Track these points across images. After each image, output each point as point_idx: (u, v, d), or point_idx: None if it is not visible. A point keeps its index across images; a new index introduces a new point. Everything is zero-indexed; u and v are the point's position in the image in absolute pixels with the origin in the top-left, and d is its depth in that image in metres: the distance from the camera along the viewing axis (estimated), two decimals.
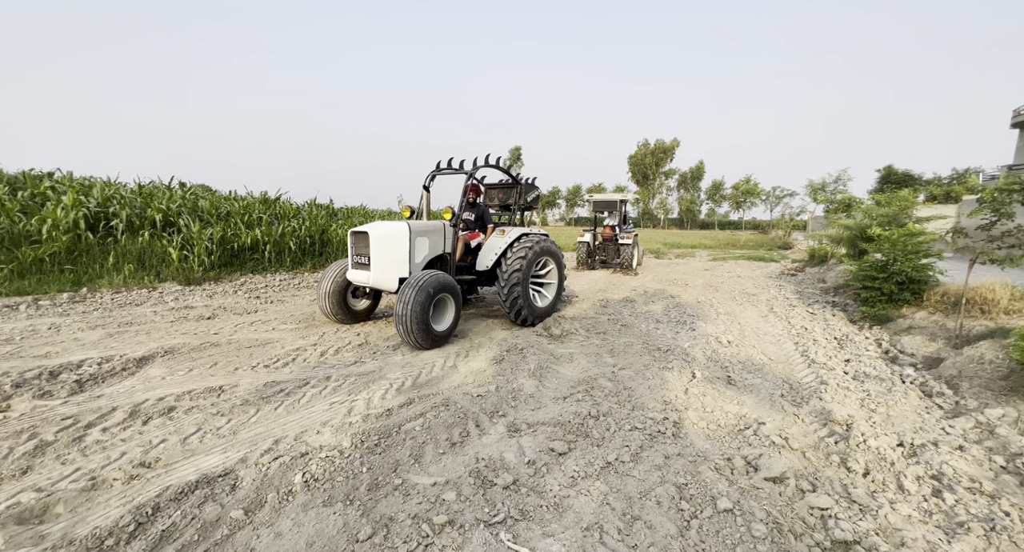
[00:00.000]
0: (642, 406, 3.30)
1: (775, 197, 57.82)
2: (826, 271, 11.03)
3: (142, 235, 7.89)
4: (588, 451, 2.64)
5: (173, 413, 2.88)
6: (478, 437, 2.83)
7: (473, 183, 6.45)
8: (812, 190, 16.37)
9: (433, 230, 5.20)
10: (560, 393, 3.58)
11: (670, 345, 4.92)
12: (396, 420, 2.98)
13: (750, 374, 4.10)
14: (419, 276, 4.45)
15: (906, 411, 3.23)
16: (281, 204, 11.57)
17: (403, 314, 4.29)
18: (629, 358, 4.51)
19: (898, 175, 36.47)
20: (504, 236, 5.75)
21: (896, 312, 5.68)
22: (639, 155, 66.32)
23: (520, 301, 5.50)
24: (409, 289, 4.33)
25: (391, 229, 4.84)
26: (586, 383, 3.76)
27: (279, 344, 4.58)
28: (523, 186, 6.41)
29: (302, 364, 4.03)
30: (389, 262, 4.80)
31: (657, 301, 7.73)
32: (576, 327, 5.64)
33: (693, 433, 2.88)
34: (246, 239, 9.02)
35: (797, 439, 2.83)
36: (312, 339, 4.82)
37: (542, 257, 5.90)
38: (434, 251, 5.25)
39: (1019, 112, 25.12)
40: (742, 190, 61.99)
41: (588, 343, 5.04)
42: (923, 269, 5.52)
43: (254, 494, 2.09)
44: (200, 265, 8.01)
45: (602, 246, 12.66)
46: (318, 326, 5.35)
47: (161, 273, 7.57)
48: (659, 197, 68.38)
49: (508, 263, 5.52)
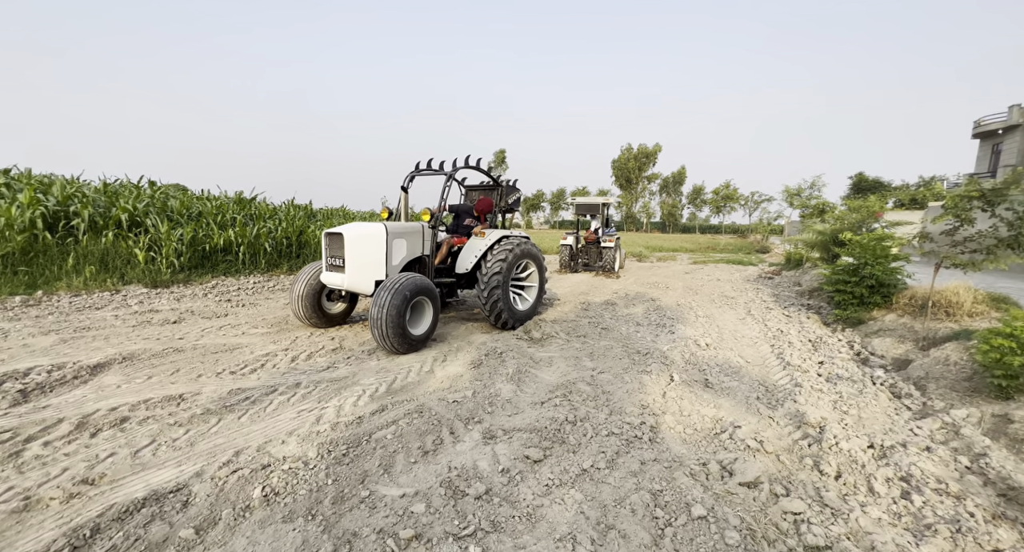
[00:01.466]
0: (620, 410, 3.27)
1: (753, 202, 59.34)
2: (801, 275, 11.30)
3: (106, 235, 7.54)
4: (564, 458, 2.58)
5: (126, 424, 2.71)
6: (452, 445, 2.75)
7: (484, 197, 6.38)
8: (789, 195, 16.81)
9: (411, 232, 5.10)
10: (538, 398, 3.52)
11: (650, 348, 4.93)
12: (367, 428, 2.87)
13: (727, 377, 4.12)
14: (395, 279, 4.35)
15: (876, 413, 3.29)
16: (257, 204, 11.25)
17: (378, 318, 4.18)
18: (609, 362, 4.48)
19: (868, 182, 37.79)
20: (484, 238, 5.69)
21: (867, 315, 5.82)
22: (622, 159, 67.14)
23: (500, 304, 5.43)
24: (385, 292, 4.22)
25: (367, 230, 4.72)
26: (565, 387, 3.72)
27: (248, 349, 4.40)
28: (504, 188, 6.36)
29: (271, 370, 3.88)
30: (365, 264, 4.68)
31: (638, 304, 7.76)
32: (557, 330, 5.61)
33: (670, 438, 2.86)
34: (219, 240, 8.72)
35: (772, 442, 2.83)
36: (284, 344, 4.65)
37: (523, 260, 5.85)
38: (412, 253, 5.15)
39: (979, 123, 26.37)
40: (722, 195, 63.39)
41: (568, 346, 5.01)
42: (892, 273, 5.68)
43: (208, 511, 1.96)
44: (168, 267, 7.70)
45: (585, 249, 12.71)
46: (291, 330, 5.18)
47: (126, 275, 7.23)
48: (642, 201, 69.34)
49: (488, 266, 5.45)
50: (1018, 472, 2.43)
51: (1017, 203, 4.24)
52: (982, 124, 26.09)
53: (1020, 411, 2.90)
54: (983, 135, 26.47)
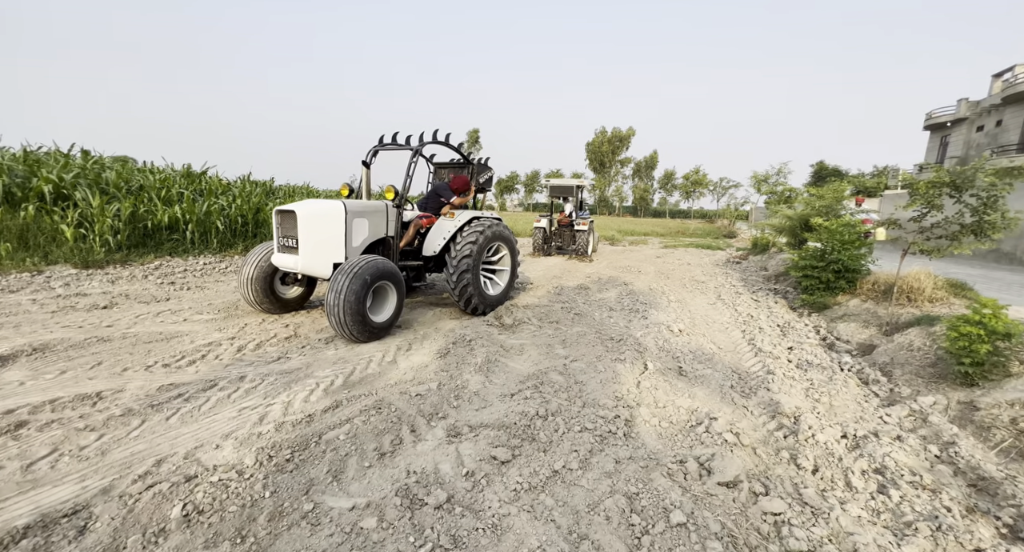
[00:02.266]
0: (593, 403, 3.11)
1: (721, 188, 60.76)
2: (768, 259, 11.55)
3: (25, 209, 6.69)
4: (534, 458, 2.39)
5: (22, 431, 2.31)
6: (412, 445, 2.50)
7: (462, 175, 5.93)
8: (756, 182, 17.09)
9: (373, 211, 4.71)
10: (508, 389, 3.31)
11: (623, 334, 4.80)
12: (317, 428, 2.59)
13: (701, 364, 4.04)
14: (354, 262, 3.98)
15: (847, 400, 3.27)
16: (208, 179, 10.36)
17: (335, 304, 3.83)
18: (582, 349, 4.33)
19: (828, 170, 39.27)
20: (453, 219, 5.35)
21: (832, 300, 5.92)
22: (596, 142, 66.96)
23: (470, 289, 5.16)
24: (342, 276, 3.86)
25: (324, 208, 4.30)
26: (536, 378, 3.53)
27: (188, 338, 3.97)
28: (475, 166, 6.00)
29: (212, 362, 3.49)
30: (321, 245, 4.27)
31: (611, 288, 7.67)
32: (529, 316, 5.40)
33: (645, 432, 2.72)
34: (163, 217, 7.95)
35: (747, 434, 2.74)
36: (230, 332, 4.23)
37: (494, 242, 5.56)
38: (375, 234, 4.77)
39: (930, 116, 27.63)
40: (692, 180, 64.55)
41: (540, 333, 4.82)
42: (857, 259, 5.76)
43: (109, 538, 1.65)
44: (103, 246, 6.95)
45: (558, 232, 12.52)
46: (240, 317, 4.74)
47: (50, 254, 6.47)
48: (615, 185, 69.73)
49: (457, 248, 5.15)
50: (986, 461, 2.43)
51: (982, 189, 4.29)
52: (933, 117, 27.36)
53: (985, 398, 2.92)
54: (933, 127, 27.79)
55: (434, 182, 6.38)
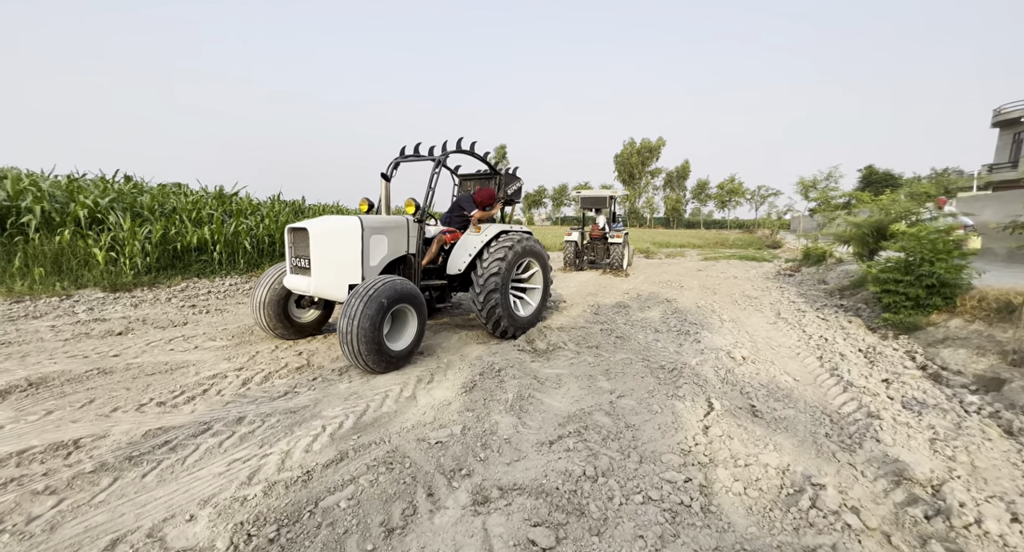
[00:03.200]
0: (653, 457, 2.49)
1: (759, 196, 58.22)
2: (825, 271, 10.48)
3: (61, 233, 6.79)
4: (585, 544, 1.81)
5: None
6: (428, 517, 1.98)
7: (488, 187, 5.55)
8: (803, 188, 15.93)
9: (393, 226, 4.32)
10: (545, 435, 2.75)
11: (675, 362, 4.15)
12: (315, 491, 2.11)
13: (778, 402, 3.33)
14: (370, 283, 3.57)
15: (995, 459, 2.50)
16: (238, 200, 10.48)
17: (349, 331, 3.41)
18: (629, 381, 3.71)
19: (879, 175, 36.75)
20: (479, 234, 4.90)
21: (925, 320, 5.02)
22: (625, 154, 66.10)
23: (499, 310, 4.66)
24: (356, 300, 3.45)
25: (338, 225, 3.95)
26: (578, 419, 2.95)
27: (193, 369, 3.64)
28: (503, 176, 5.57)
29: (213, 399, 3.11)
30: (336, 266, 3.90)
31: (653, 306, 6.98)
32: (564, 340, 4.83)
33: (729, 505, 2.08)
34: (191, 238, 7.96)
35: (868, 509, 2.06)
36: (239, 361, 3.89)
37: (524, 258, 5.06)
38: (395, 252, 4.37)
39: (999, 111, 25.33)
40: (727, 189, 62.30)
41: (579, 360, 4.23)
42: (956, 271, 4.87)
43: None
44: (132, 269, 6.95)
45: (591, 245, 11.91)
46: (253, 343, 4.42)
47: (82, 278, 6.49)
48: (645, 196, 68.31)
49: (484, 266, 4.68)
50: None
51: None
52: (1003, 112, 25.07)
53: None
54: (1004, 123, 25.44)
55: (458, 194, 5.98)
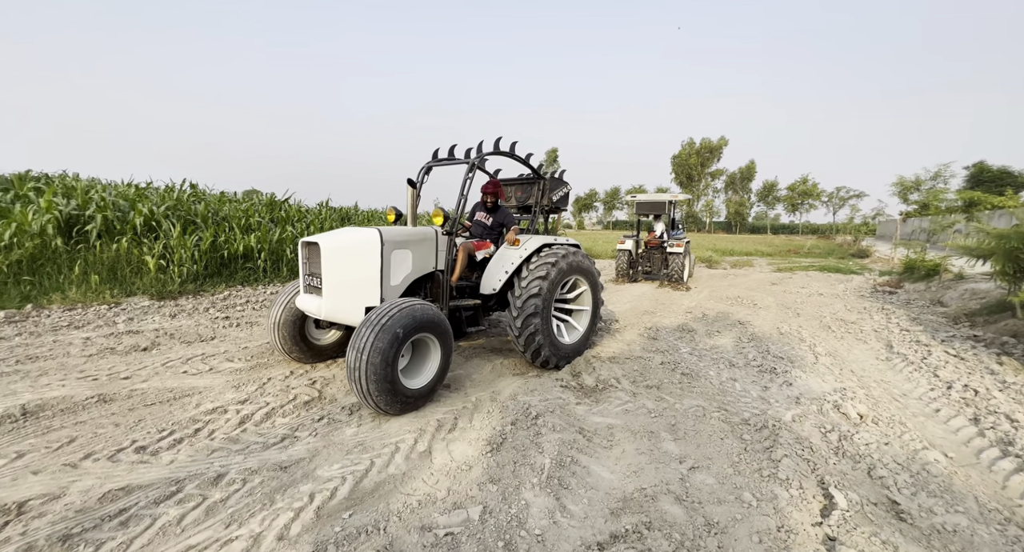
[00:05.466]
0: None
1: (838, 198, 52.62)
2: (941, 290, 8.68)
3: (119, 241, 7.01)
4: None
5: None
6: None
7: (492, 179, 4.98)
8: (902, 189, 13.70)
9: (419, 240, 3.77)
10: (592, 531, 2.02)
11: (763, 415, 3.22)
12: None
13: (932, 497, 2.33)
14: (383, 309, 3.01)
15: None
16: (288, 207, 10.62)
17: (356, 367, 2.87)
18: (704, 443, 2.86)
19: (992, 172, 31.63)
20: (517, 248, 4.23)
21: None
22: (683, 155, 62.70)
23: (539, 337, 3.97)
24: (366, 329, 2.90)
25: (354, 239, 3.45)
26: (638, 506, 2.19)
27: (195, 400, 3.29)
28: (547, 181, 4.87)
29: (200, 443, 2.69)
30: (351, 286, 3.40)
31: (724, 330, 5.93)
32: (617, 375, 4.04)
33: None
34: (238, 246, 8.02)
35: None
36: (248, 389, 3.50)
37: (570, 276, 4.33)
38: (420, 269, 3.82)
39: None
40: (798, 191, 57.03)
41: (635, 406, 3.43)
42: None
43: None
44: (180, 276, 7.03)
45: (646, 255, 10.85)
46: (269, 367, 4.05)
47: (133, 285, 6.62)
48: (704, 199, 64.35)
49: (523, 286, 4.00)
50: None
51: None
52: None
53: None
54: None
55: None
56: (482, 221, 4.70)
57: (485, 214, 4.70)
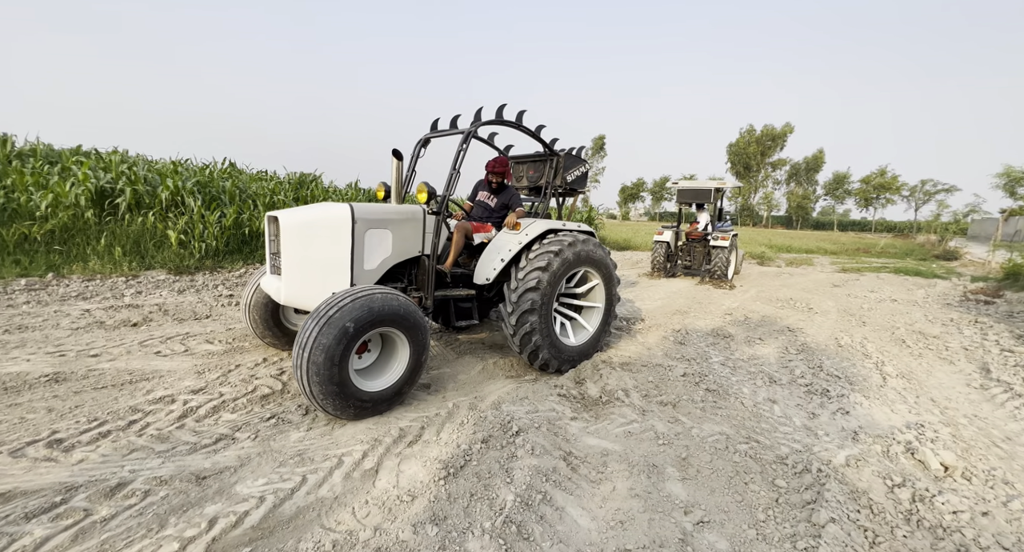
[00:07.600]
0: None
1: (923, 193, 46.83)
2: None
3: (145, 215, 7.14)
4: None
5: None
6: None
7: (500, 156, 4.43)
8: (1009, 181, 11.57)
9: (401, 219, 3.30)
10: None
11: (806, 453, 2.51)
12: None
13: None
14: (335, 298, 2.57)
15: None
16: (315, 185, 10.57)
17: (299, 365, 2.46)
18: (719, 489, 2.21)
19: None
20: (517, 233, 3.66)
21: None
22: (741, 143, 58.22)
23: (536, 337, 3.41)
24: (311, 322, 2.48)
25: (320, 215, 3.02)
26: None
27: (147, 386, 3.04)
28: (561, 158, 4.22)
29: (125, 440, 2.39)
30: (315, 268, 2.99)
31: (768, 338, 5.07)
32: (627, 385, 3.41)
33: None
34: (260, 223, 7.99)
35: None
36: (209, 376, 3.22)
37: (578, 267, 3.70)
38: (403, 252, 3.36)
39: None
40: (874, 184, 51.39)
41: (642, 427, 2.81)
42: None
43: None
44: (200, 251, 7.07)
45: (686, 248, 9.86)
46: (244, 352, 3.78)
47: (155, 258, 6.71)
48: (763, 191, 59.70)
49: (520, 277, 3.44)
50: None
51: None
52: None
53: None
54: None
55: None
56: (484, 201, 4.15)
57: (488, 194, 4.15)
